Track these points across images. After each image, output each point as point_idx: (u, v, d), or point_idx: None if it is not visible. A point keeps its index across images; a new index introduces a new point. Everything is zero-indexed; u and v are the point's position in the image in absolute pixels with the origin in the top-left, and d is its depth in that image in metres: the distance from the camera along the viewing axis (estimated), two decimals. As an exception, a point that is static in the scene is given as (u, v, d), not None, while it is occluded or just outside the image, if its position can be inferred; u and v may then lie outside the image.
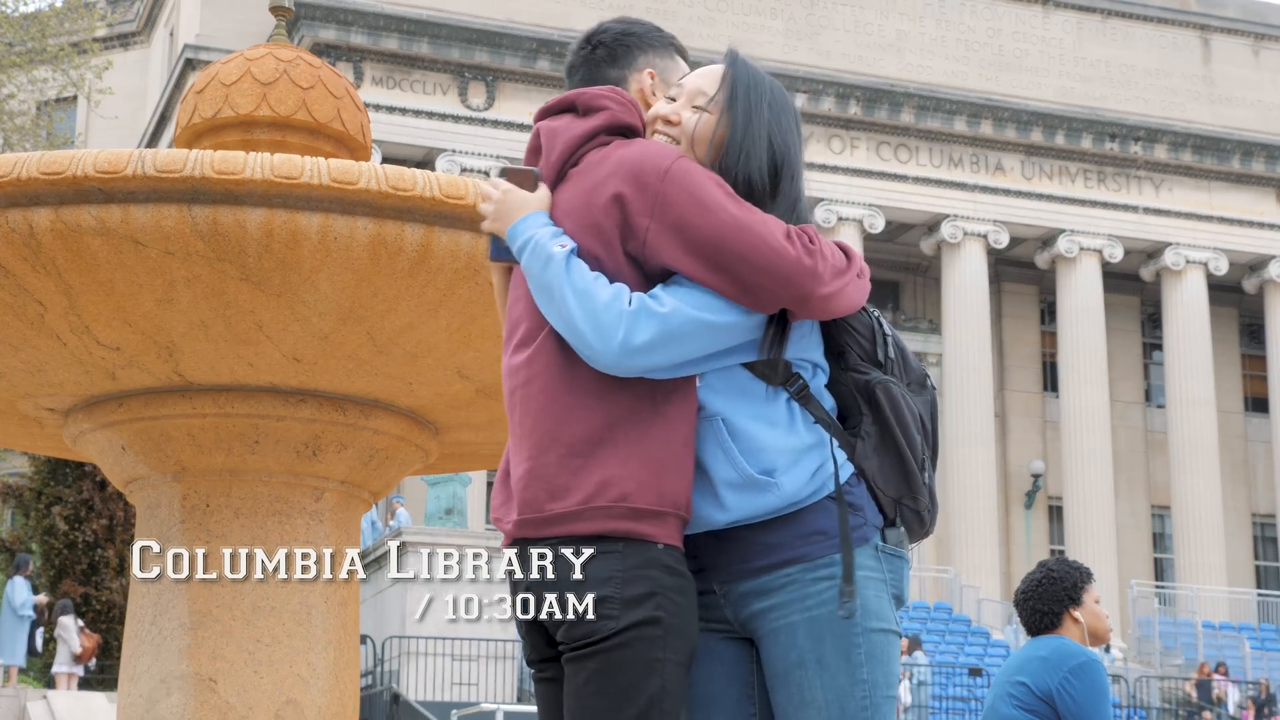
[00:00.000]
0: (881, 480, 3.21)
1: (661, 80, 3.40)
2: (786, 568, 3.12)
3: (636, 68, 3.41)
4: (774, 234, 3.04)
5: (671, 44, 3.49)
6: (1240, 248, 43.29)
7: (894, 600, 3.21)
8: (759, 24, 40.75)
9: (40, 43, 31.28)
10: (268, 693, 5.73)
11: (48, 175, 4.89)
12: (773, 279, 3.03)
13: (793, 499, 3.13)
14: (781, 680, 3.12)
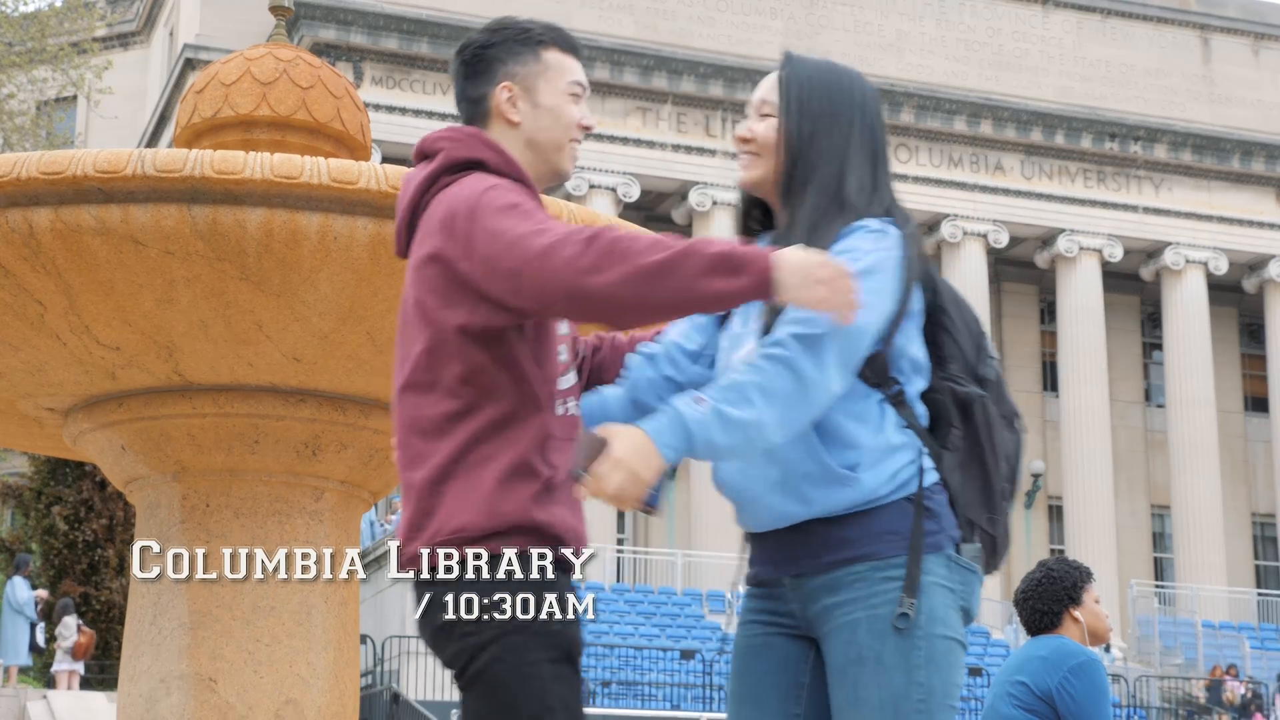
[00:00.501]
0: (963, 497, 3.20)
1: (524, 87, 3.24)
2: (856, 564, 3.10)
3: (495, 82, 3.25)
4: (529, 235, 2.95)
5: (541, 42, 3.27)
6: (1240, 247, 43.28)
7: (962, 613, 3.17)
8: (758, 24, 40.76)
9: (40, 42, 31.27)
10: (268, 692, 5.73)
11: (47, 175, 4.90)
12: (523, 281, 2.94)
13: (870, 496, 3.11)
14: (839, 676, 3.10)
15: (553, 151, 3.30)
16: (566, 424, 3.17)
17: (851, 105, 3.26)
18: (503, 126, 3.26)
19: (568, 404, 3.19)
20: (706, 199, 38.96)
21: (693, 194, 39.03)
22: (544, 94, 3.27)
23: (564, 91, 3.29)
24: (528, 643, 3.03)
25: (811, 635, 3.21)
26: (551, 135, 3.29)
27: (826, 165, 3.20)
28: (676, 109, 39.40)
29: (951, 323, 3.26)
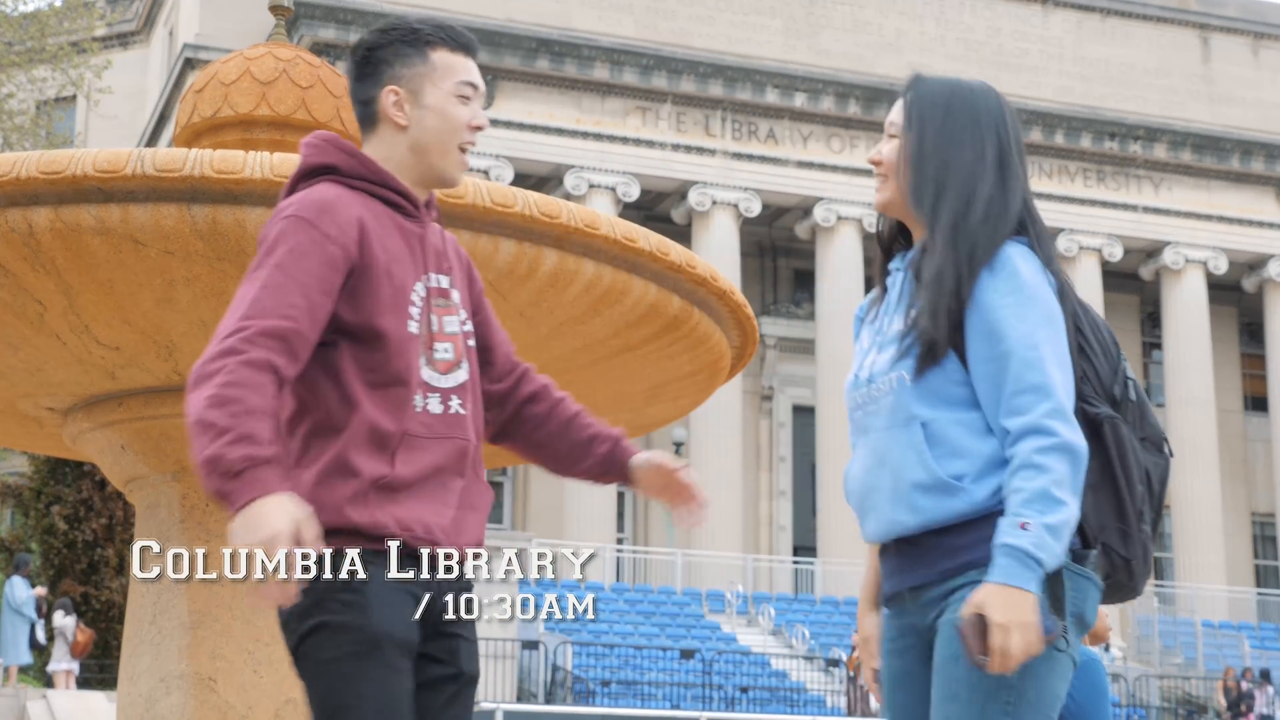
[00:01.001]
0: (1092, 517, 3.20)
1: (410, 89, 3.20)
2: (970, 571, 3.11)
3: (382, 84, 3.22)
4: (233, 306, 3.10)
5: (429, 43, 3.23)
6: (1240, 247, 43.29)
7: (1073, 620, 3.16)
8: (758, 23, 40.75)
9: (40, 42, 31.27)
10: (267, 692, 5.72)
11: (47, 174, 4.89)
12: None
13: (980, 506, 3.13)
14: (938, 672, 3.14)
15: (438, 156, 3.22)
16: (448, 422, 3.14)
17: (976, 122, 3.29)
18: (390, 129, 3.23)
19: (450, 402, 3.15)
20: (706, 198, 38.95)
21: (692, 193, 39.02)
22: (430, 96, 3.21)
23: (450, 93, 3.22)
24: (324, 641, 3.04)
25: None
26: (437, 138, 3.21)
27: (953, 184, 3.25)
28: (676, 108, 39.40)
29: (1089, 344, 3.30)
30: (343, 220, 3.09)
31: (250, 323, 3.05)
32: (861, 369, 3.31)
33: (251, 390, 2.96)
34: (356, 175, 3.19)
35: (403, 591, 3.05)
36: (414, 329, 3.12)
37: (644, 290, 5.62)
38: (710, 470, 37.28)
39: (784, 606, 34.08)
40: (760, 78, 39.85)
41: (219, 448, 2.90)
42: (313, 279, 3.04)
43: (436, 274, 3.21)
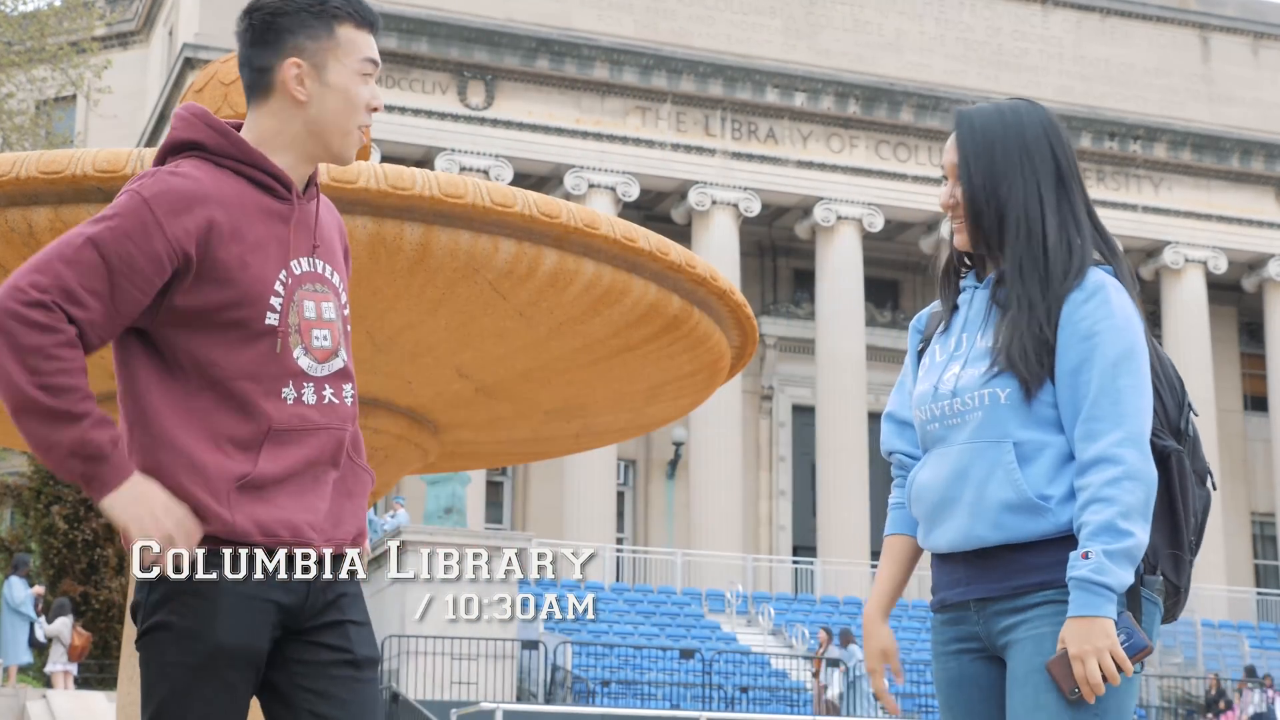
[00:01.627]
0: (1153, 544, 3.30)
1: (313, 64, 3.04)
2: (1046, 590, 3.21)
3: (283, 54, 3.05)
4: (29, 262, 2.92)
5: (335, 15, 3.06)
6: (1239, 246, 43.30)
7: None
8: (758, 23, 40.75)
9: (39, 42, 31.27)
10: (267, 692, 5.71)
11: (47, 174, 4.89)
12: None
13: (1063, 528, 3.21)
14: (1021, 682, 3.20)
15: (337, 135, 3.07)
16: (324, 413, 3.04)
17: (1025, 150, 3.35)
18: (286, 103, 3.06)
19: (324, 391, 3.04)
20: (706, 198, 38.95)
21: (692, 193, 39.03)
22: (333, 72, 3.06)
23: (354, 71, 3.08)
24: (166, 643, 2.97)
25: (999, 655, 3.31)
26: (337, 118, 3.07)
27: (1013, 213, 3.32)
28: (676, 108, 39.40)
29: (1159, 379, 3.45)
30: (188, 220, 2.93)
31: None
32: (942, 382, 3.35)
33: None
34: (224, 154, 3.03)
35: (258, 598, 2.97)
36: (272, 320, 2.98)
37: (644, 290, 5.62)
38: (710, 470, 37.28)
39: (784, 606, 34.08)
40: (760, 77, 39.84)
41: (83, 430, 2.85)
42: (124, 266, 2.90)
43: (309, 258, 3.07)
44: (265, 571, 2.97)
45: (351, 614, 3.08)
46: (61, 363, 2.85)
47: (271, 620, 2.99)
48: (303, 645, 3.04)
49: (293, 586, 3.00)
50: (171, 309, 2.96)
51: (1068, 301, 3.26)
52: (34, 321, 2.83)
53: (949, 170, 3.41)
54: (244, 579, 2.96)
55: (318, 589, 3.04)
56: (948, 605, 3.36)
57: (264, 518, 2.98)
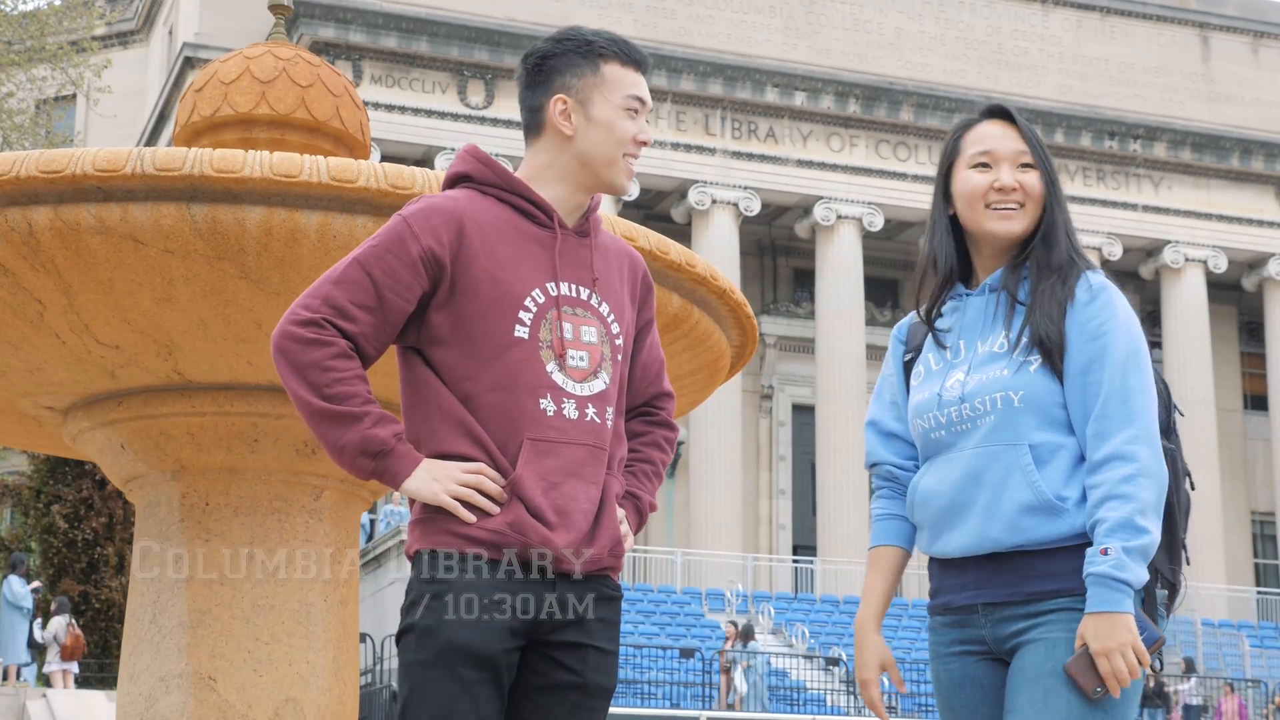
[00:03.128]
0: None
1: (579, 100, 3.26)
2: (1059, 597, 3.22)
3: (551, 93, 3.29)
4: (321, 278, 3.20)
5: (602, 55, 3.27)
6: (1239, 245, 43.30)
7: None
8: (758, 22, 40.75)
9: (39, 41, 31.26)
10: (267, 691, 5.72)
11: (47, 174, 4.89)
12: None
13: (1079, 531, 3.22)
14: (1030, 682, 3.21)
15: (604, 166, 3.26)
16: (582, 429, 3.17)
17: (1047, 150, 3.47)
18: (556, 138, 3.28)
19: (586, 410, 3.19)
20: (706, 197, 38.95)
21: (692, 192, 39.03)
22: (598, 107, 3.26)
23: (619, 105, 3.27)
24: (410, 643, 3.15)
25: (1002, 657, 3.32)
26: (603, 150, 3.26)
27: (1065, 212, 3.41)
28: (676, 107, 39.40)
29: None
30: (441, 231, 3.16)
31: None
32: (946, 389, 3.35)
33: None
34: (488, 182, 3.26)
35: (497, 599, 3.09)
36: (521, 333, 3.15)
37: (644, 289, 5.61)
38: (710, 469, 37.29)
39: (784, 606, 34.09)
40: (760, 77, 39.84)
41: (362, 431, 3.09)
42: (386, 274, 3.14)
43: (573, 283, 3.22)
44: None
45: (593, 638, 3.18)
46: (336, 373, 3.09)
47: (508, 621, 3.10)
48: (541, 658, 3.15)
49: (537, 589, 3.12)
50: (430, 324, 3.16)
51: (1073, 302, 3.29)
52: (305, 339, 3.10)
53: (1010, 156, 3.39)
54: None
55: (562, 598, 3.14)
56: (952, 608, 3.36)
57: (515, 519, 3.10)
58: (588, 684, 3.15)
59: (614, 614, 3.22)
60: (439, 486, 3.07)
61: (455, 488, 3.07)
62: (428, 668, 3.08)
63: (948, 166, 3.48)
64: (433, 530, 3.12)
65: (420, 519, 3.16)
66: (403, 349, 3.23)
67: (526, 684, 3.15)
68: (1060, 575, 3.22)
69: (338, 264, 3.18)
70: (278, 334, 3.13)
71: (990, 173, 3.39)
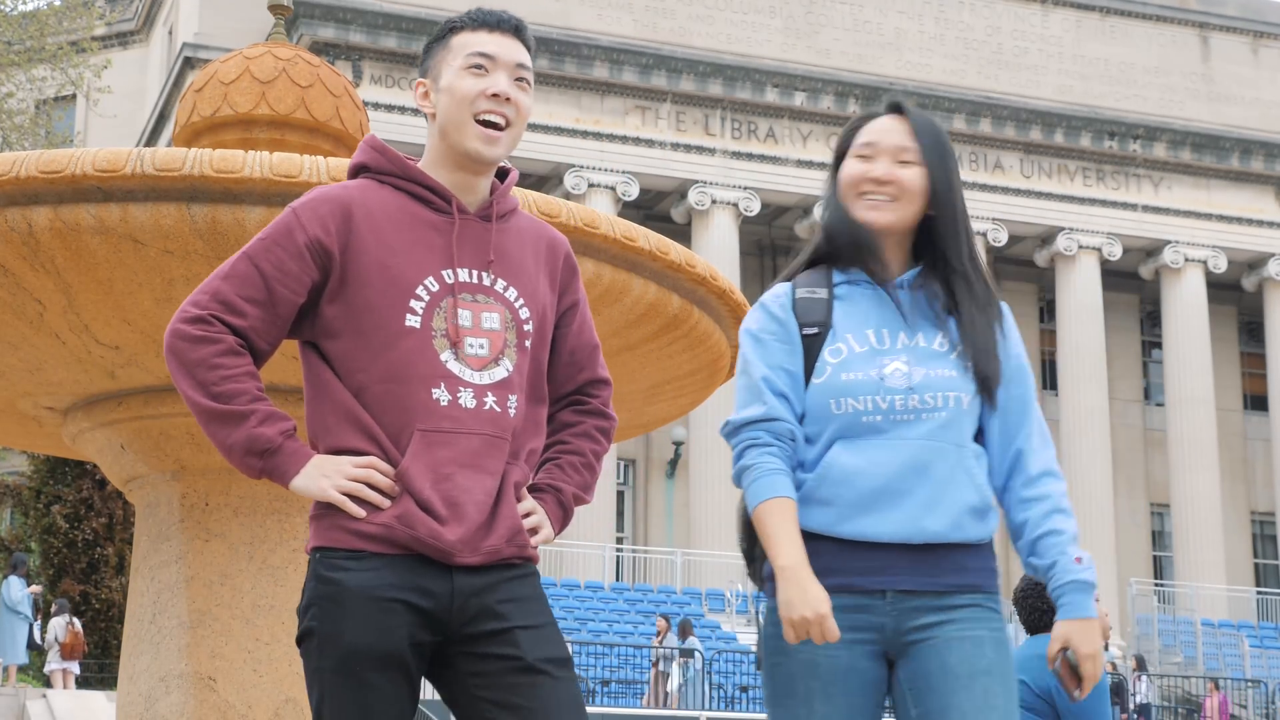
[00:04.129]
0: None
1: (433, 77, 3.24)
2: (972, 593, 3.31)
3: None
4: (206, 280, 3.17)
5: (452, 29, 3.24)
6: (1239, 246, 43.29)
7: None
8: (757, 22, 40.75)
9: (39, 41, 31.26)
10: (267, 691, 5.72)
11: (46, 174, 4.89)
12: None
13: (993, 533, 3.37)
14: (966, 682, 3.25)
15: (454, 132, 3.19)
16: (479, 418, 3.08)
17: (955, 159, 3.50)
18: (429, 124, 3.26)
19: (485, 398, 3.10)
20: (705, 197, 38.95)
21: (692, 192, 39.03)
22: (444, 78, 3.22)
23: (460, 67, 3.21)
24: (310, 649, 3.07)
25: (892, 652, 3.31)
26: (450, 115, 3.19)
27: (963, 217, 3.45)
28: (675, 108, 39.40)
29: None
30: (328, 220, 3.11)
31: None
32: (889, 376, 3.34)
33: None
34: (383, 170, 3.23)
35: (392, 596, 3.01)
36: (413, 323, 3.08)
37: (643, 289, 5.62)
38: (710, 469, 37.27)
39: (784, 605, 34.02)
40: (760, 77, 39.85)
41: (244, 428, 3.03)
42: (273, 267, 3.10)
43: (473, 269, 3.15)
44: (407, 567, 3.04)
45: (514, 618, 3.08)
46: (223, 370, 3.03)
47: (404, 620, 3.02)
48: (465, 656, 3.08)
49: (435, 588, 3.05)
50: (323, 317, 3.11)
51: (1005, 318, 3.45)
52: (193, 336, 3.04)
53: (890, 151, 3.42)
54: (380, 576, 3.03)
55: (465, 592, 3.06)
56: (854, 590, 3.29)
57: (404, 513, 3.03)
58: (529, 662, 3.04)
59: (529, 589, 3.12)
60: (327, 483, 3.01)
61: (344, 483, 3.01)
62: (334, 674, 3.01)
63: (839, 156, 3.53)
64: (325, 527, 3.06)
65: (314, 515, 3.09)
66: (301, 344, 3.17)
67: (470, 684, 3.06)
68: (974, 570, 3.31)
69: (227, 260, 3.14)
70: (168, 333, 3.07)
71: (869, 164, 3.43)
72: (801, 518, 3.29)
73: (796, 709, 3.30)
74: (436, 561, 3.03)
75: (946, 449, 3.30)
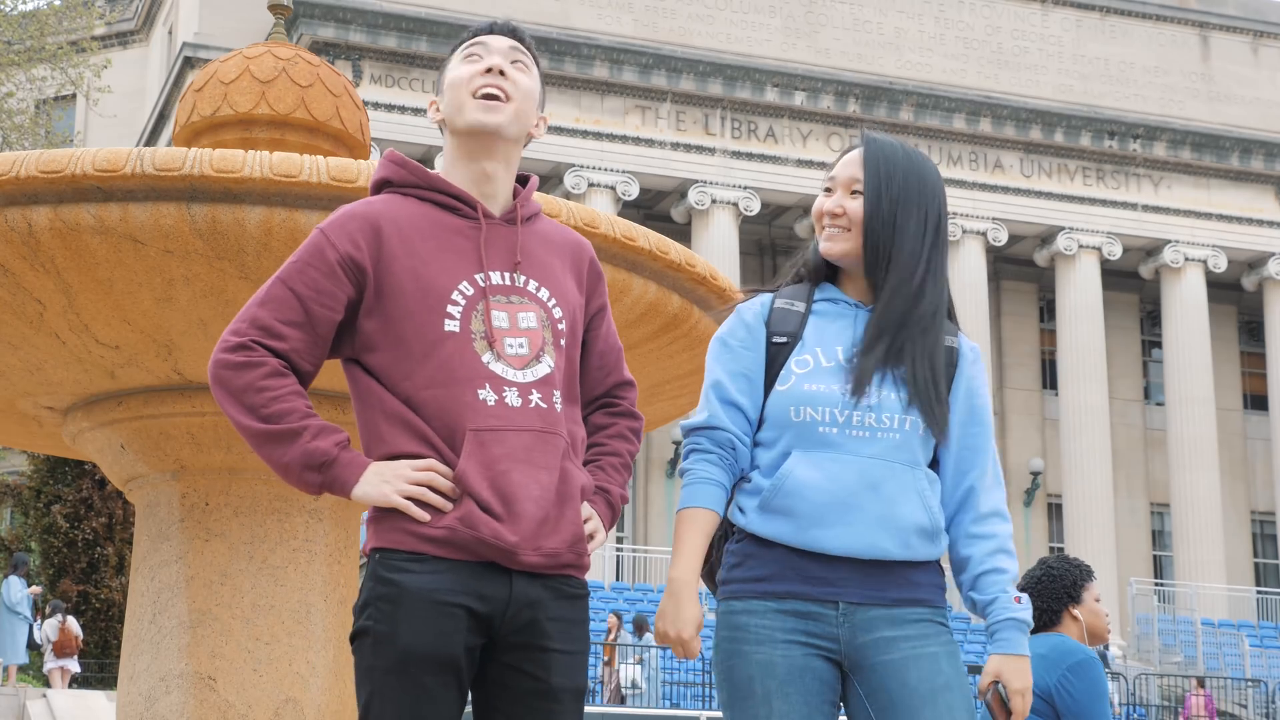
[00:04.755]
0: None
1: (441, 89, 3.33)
2: (920, 607, 3.42)
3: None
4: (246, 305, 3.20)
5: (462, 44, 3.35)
6: (1239, 245, 43.29)
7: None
8: (758, 21, 40.75)
9: (39, 41, 31.26)
10: (267, 691, 5.73)
11: (46, 174, 4.89)
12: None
13: (943, 552, 3.49)
14: (929, 699, 3.35)
15: (456, 116, 3.27)
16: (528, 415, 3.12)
17: (920, 188, 3.54)
18: (444, 133, 3.34)
19: (530, 396, 3.14)
20: (705, 197, 38.95)
21: (692, 192, 39.03)
22: (447, 80, 3.32)
23: (456, 63, 3.32)
24: (364, 648, 3.08)
25: (846, 662, 3.38)
26: (451, 101, 3.28)
27: (906, 248, 3.49)
28: (675, 107, 39.40)
29: None
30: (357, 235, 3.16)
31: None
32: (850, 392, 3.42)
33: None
34: (406, 183, 3.28)
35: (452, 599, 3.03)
36: (452, 327, 3.12)
37: (643, 289, 5.62)
38: (710, 469, 37.21)
39: (784, 605, 34.02)
40: (760, 76, 39.84)
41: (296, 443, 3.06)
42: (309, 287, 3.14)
43: (505, 271, 3.20)
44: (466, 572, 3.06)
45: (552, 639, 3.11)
46: (270, 392, 3.06)
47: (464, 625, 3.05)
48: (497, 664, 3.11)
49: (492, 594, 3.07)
50: (362, 332, 3.15)
51: (961, 359, 3.52)
52: (236, 363, 3.08)
53: (844, 183, 3.53)
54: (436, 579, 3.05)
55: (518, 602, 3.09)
56: (807, 598, 3.37)
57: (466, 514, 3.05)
58: (551, 688, 3.09)
59: (577, 613, 3.16)
60: (389, 488, 3.03)
61: (406, 487, 3.03)
62: (386, 674, 3.03)
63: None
64: (385, 529, 3.08)
65: (373, 518, 3.12)
66: (344, 362, 3.22)
67: (491, 692, 3.11)
68: (923, 586, 3.42)
69: (262, 286, 3.17)
70: (211, 364, 3.11)
71: (828, 196, 3.55)
72: (759, 524, 3.40)
73: (756, 709, 3.34)
74: (496, 566, 3.06)
75: (897, 469, 3.39)
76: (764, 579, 3.38)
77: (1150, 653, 36.52)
